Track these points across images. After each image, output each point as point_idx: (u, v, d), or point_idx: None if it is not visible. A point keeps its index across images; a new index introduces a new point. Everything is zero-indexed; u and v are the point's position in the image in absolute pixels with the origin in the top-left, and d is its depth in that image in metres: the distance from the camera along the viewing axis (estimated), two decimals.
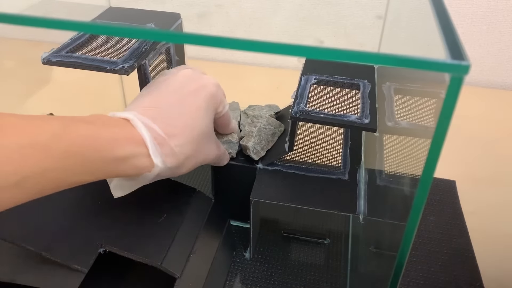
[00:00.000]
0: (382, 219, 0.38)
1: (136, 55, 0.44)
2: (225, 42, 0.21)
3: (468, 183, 0.59)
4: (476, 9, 0.78)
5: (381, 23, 0.54)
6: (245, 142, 0.45)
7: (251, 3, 0.83)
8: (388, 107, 0.39)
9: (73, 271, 0.34)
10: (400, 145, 0.36)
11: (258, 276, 0.46)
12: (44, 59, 0.43)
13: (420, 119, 0.30)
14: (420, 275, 0.47)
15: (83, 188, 0.40)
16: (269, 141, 0.46)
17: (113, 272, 0.43)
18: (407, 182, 0.28)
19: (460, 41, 0.21)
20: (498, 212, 0.56)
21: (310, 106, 0.41)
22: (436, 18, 0.24)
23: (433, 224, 0.53)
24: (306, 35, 0.85)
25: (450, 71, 0.19)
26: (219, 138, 0.45)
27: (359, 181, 0.44)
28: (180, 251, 0.39)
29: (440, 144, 0.21)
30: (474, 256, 0.49)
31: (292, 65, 0.85)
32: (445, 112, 0.20)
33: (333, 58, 0.20)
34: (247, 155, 0.45)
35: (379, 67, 0.48)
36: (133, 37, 0.40)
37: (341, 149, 0.48)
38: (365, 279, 0.42)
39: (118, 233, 0.38)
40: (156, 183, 0.43)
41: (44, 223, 0.36)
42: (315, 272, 0.47)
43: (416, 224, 0.24)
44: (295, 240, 0.50)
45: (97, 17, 0.50)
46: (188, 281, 0.38)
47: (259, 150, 0.45)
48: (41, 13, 0.24)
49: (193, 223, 0.42)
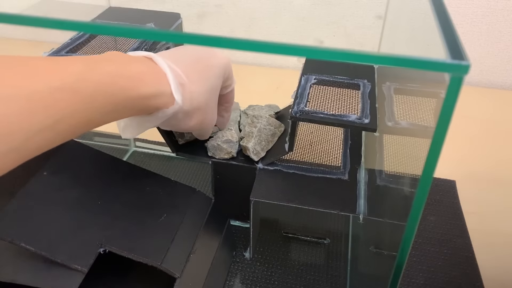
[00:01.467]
0: (382, 219, 0.38)
1: None
2: (225, 42, 0.21)
3: (468, 183, 0.59)
4: (476, 9, 0.78)
5: (381, 23, 0.54)
6: (245, 143, 0.45)
7: (251, 3, 0.83)
8: (388, 107, 0.39)
9: (73, 271, 0.34)
10: (400, 145, 0.36)
11: (258, 276, 0.46)
12: None
13: (420, 119, 0.30)
14: (420, 275, 0.47)
15: (83, 188, 0.40)
16: (269, 142, 0.46)
17: (113, 272, 0.43)
18: (407, 182, 0.28)
19: (460, 41, 0.21)
20: (498, 212, 0.56)
21: (310, 106, 0.41)
22: (436, 18, 0.24)
23: (433, 224, 0.53)
24: (306, 35, 0.85)
25: (450, 71, 0.19)
26: (220, 137, 0.45)
27: (359, 181, 0.44)
28: (180, 251, 0.39)
29: (440, 144, 0.21)
30: (474, 256, 0.49)
31: (292, 65, 0.85)
32: (445, 112, 0.20)
33: (333, 58, 0.20)
34: (247, 155, 0.45)
35: (379, 67, 0.48)
36: (133, 37, 0.40)
37: (341, 149, 0.48)
38: (365, 279, 0.42)
39: (118, 233, 0.38)
40: (156, 183, 0.43)
41: (44, 223, 0.36)
42: (315, 272, 0.47)
43: (416, 224, 0.24)
44: (295, 240, 0.50)
45: (97, 17, 0.50)
46: (188, 281, 0.38)
47: (259, 151, 0.45)
48: (41, 13, 0.24)
49: (193, 223, 0.42)
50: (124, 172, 0.43)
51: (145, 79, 0.32)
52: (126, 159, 0.61)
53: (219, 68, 0.39)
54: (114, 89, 0.30)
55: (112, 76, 0.30)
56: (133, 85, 0.31)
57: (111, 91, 0.30)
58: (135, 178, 0.43)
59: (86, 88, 0.29)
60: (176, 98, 0.34)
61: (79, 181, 0.40)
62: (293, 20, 0.84)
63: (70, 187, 0.39)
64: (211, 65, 0.38)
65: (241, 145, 0.46)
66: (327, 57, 0.20)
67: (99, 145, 0.63)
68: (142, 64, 0.33)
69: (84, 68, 0.29)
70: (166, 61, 0.35)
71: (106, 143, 0.64)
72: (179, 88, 0.35)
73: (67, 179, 0.40)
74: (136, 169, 0.44)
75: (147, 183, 0.43)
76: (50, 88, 0.27)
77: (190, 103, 0.36)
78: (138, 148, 0.63)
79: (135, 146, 0.63)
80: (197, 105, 0.37)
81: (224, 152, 0.45)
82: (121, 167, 0.44)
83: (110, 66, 0.31)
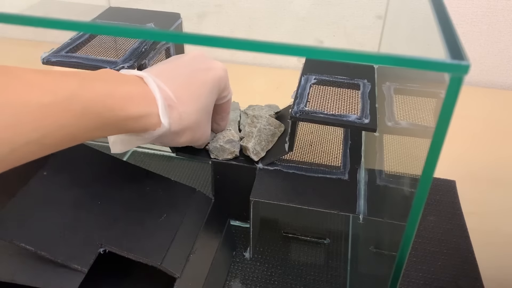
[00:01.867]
0: (382, 219, 0.38)
1: (136, 55, 0.44)
2: (225, 42, 0.21)
3: (468, 183, 0.59)
4: (476, 9, 0.78)
5: (381, 23, 0.54)
6: (245, 143, 0.45)
7: (251, 3, 0.83)
8: (388, 107, 0.39)
9: (73, 271, 0.34)
10: (400, 145, 0.36)
11: (258, 276, 0.46)
12: (44, 59, 0.43)
13: (420, 119, 0.30)
14: (420, 275, 0.47)
15: (83, 188, 0.40)
16: (269, 142, 0.46)
17: (113, 272, 0.43)
18: (407, 182, 0.28)
19: (460, 41, 0.21)
20: (498, 212, 0.56)
21: (310, 106, 0.41)
22: (436, 18, 0.24)
23: (433, 224, 0.53)
24: (306, 35, 0.85)
25: (450, 71, 0.19)
26: (221, 138, 0.45)
27: (359, 181, 0.44)
28: (180, 251, 0.39)
29: (440, 144, 0.21)
30: (474, 256, 0.49)
31: (292, 65, 0.85)
32: (445, 112, 0.20)
33: (333, 58, 0.20)
34: (247, 155, 0.45)
35: (379, 67, 0.48)
36: (133, 37, 0.40)
37: (341, 149, 0.48)
38: (365, 279, 0.42)
39: (118, 233, 0.38)
40: (156, 183, 0.43)
41: (44, 223, 0.36)
42: (315, 272, 0.47)
43: (416, 224, 0.24)
44: (295, 240, 0.50)
45: (97, 17, 0.50)
46: (188, 281, 0.38)
47: (259, 151, 0.45)
48: (41, 13, 0.24)
49: (193, 223, 0.42)
50: (124, 172, 0.43)
51: (134, 100, 0.33)
52: (126, 159, 0.61)
53: (214, 82, 0.39)
54: (103, 109, 0.31)
55: (103, 96, 0.31)
56: (122, 106, 0.32)
57: (100, 111, 0.31)
58: (135, 178, 0.43)
59: (76, 105, 0.29)
60: (163, 121, 0.34)
61: (79, 181, 0.40)
62: (293, 20, 0.84)
63: (70, 187, 0.39)
64: (205, 81, 0.38)
65: (241, 145, 0.45)
66: (327, 57, 0.20)
67: (99, 145, 0.63)
68: (132, 85, 0.33)
69: (77, 86, 0.29)
70: (157, 81, 0.35)
71: (106, 143, 0.63)
72: (166, 111, 0.35)
73: (67, 179, 0.40)
74: (136, 169, 0.44)
75: (147, 183, 0.43)
76: (40, 103, 0.27)
77: (179, 123, 0.36)
78: (138, 148, 0.63)
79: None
80: (187, 124, 0.37)
81: (228, 152, 0.45)
82: (121, 167, 0.44)
83: (102, 86, 0.31)
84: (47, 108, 0.28)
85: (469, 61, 0.19)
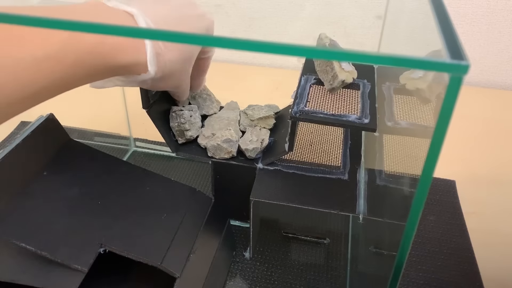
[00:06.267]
0: (382, 219, 0.38)
1: None
2: (225, 42, 0.21)
3: (468, 183, 0.59)
4: (476, 9, 0.78)
5: (381, 23, 0.54)
6: (243, 146, 0.45)
7: (251, 3, 0.83)
8: (388, 107, 0.39)
9: (73, 271, 0.34)
10: (400, 145, 0.36)
11: (258, 276, 0.46)
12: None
13: (419, 119, 0.30)
14: (420, 275, 0.47)
15: (83, 188, 0.40)
16: (265, 137, 0.46)
17: (113, 272, 0.43)
18: (406, 182, 0.28)
19: (459, 41, 0.21)
20: (498, 212, 0.56)
21: (310, 106, 0.41)
22: (436, 18, 0.24)
23: (433, 224, 0.53)
24: (306, 35, 0.85)
25: (450, 71, 0.19)
26: (219, 137, 0.45)
27: (359, 181, 0.44)
28: (180, 251, 0.39)
29: (439, 144, 0.21)
30: (474, 256, 0.49)
31: (292, 65, 0.85)
32: (444, 112, 0.20)
33: (333, 58, 0.20)
34: (247, 155, 0.45)
35: (379, 67, 0.48)
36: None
37: (341, 149, 0.48)
38: (365, 279, 0.42)
39: (118, 233, 0.38)
40: (156, 183, 0.43)
41: (44, 222, 0.36)
42: (315, 272, 0.47)
43: (415, 224, 0.24)
44: (295, 240, 0.50)
45: None
46: (188, 281, 0.38)
47: (254, 148, 0.45)
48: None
49: (193, 223, 0.42)
50: (124, 172, 0.43)
51: (124, 48, 0.32)
52: (126, 159, 0.61)
53: (203, 31, 0.38)
54: (94, 58, 0.31)
55: (94, 44, 0.30)
56: (112, 54, 0.32)
57: (91, 60, 0.31)
58: (135, 178, 0.43)
59: (69, 57, 0.29)
60: (150, 69, 0.34)
61: (79, 181, 0.40)
62: (293, 20, 0.84)
63: (70, 187, 0.39)
64: (195, 29, 0.38)
65: (240, 146, 0.46)
66: (327, 57, 0.20)
67: (99, 145, 0.63)
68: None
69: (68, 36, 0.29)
70: (148, 21, 0.34)
71: (106, 143, 0.64)
72: (154, 59, 0.34)
73: (67, 179, 0.40)
74: (136, 169, 0.44)
75: (147, 183, 0.43)
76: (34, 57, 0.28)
77: (163, 70, 0.36)
78: (138, 148, 0.63)
79: (135, 146, 0.63)
80: (169, 72, 0.36)
81: (224, 152, 0.45)
82: (121, 167, 0.44)
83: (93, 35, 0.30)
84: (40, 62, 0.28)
85: (469, 61, 0.19)
